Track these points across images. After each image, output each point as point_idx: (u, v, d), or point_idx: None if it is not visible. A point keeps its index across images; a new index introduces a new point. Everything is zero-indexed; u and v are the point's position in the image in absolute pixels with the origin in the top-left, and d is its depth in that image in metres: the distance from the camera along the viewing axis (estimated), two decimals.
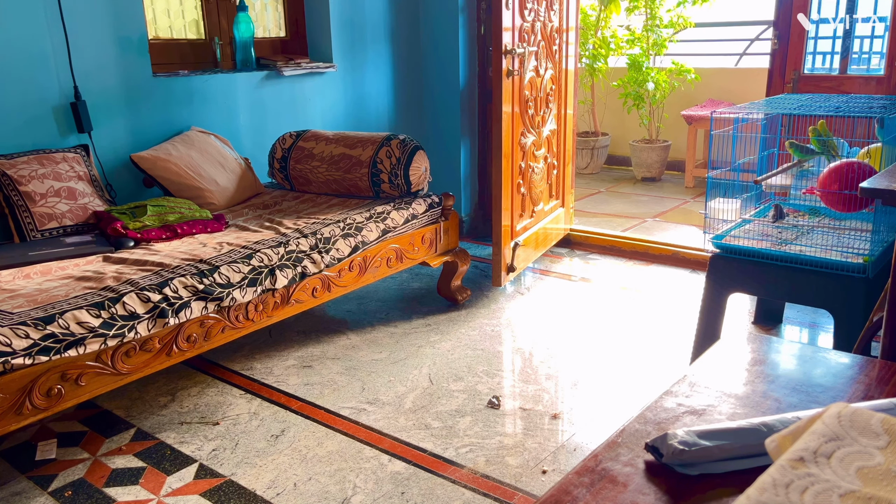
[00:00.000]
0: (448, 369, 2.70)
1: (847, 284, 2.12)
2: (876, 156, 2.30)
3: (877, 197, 1.69)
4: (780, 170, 2.51)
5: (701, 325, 2.45)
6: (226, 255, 2.40)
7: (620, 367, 2.70)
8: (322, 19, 3.78)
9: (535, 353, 2.84)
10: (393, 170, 3.06)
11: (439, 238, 3.22)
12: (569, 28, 3.84)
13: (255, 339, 2.96)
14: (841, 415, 0.72)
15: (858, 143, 2.53)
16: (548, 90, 3.66)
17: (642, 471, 0.78)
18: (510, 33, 3.19)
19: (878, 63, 3.46)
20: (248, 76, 3.46)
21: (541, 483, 2.02)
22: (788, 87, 3.55)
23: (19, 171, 2.57)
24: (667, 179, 5.84)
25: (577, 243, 4.18)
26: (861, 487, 0.63)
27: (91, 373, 2.01)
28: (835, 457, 0.67)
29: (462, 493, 1.98)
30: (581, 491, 0.75)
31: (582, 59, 5.61)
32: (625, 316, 3.18)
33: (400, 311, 3.27)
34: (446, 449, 2.19)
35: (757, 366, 1.01)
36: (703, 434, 0.79)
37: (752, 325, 3.06)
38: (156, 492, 2.02)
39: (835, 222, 2.44)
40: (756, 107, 2.48)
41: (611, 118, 6.19)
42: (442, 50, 4.14)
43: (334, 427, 2.33)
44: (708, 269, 2.40)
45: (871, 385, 0.94)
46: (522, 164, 3.44)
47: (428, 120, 4.31)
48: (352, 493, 1.99)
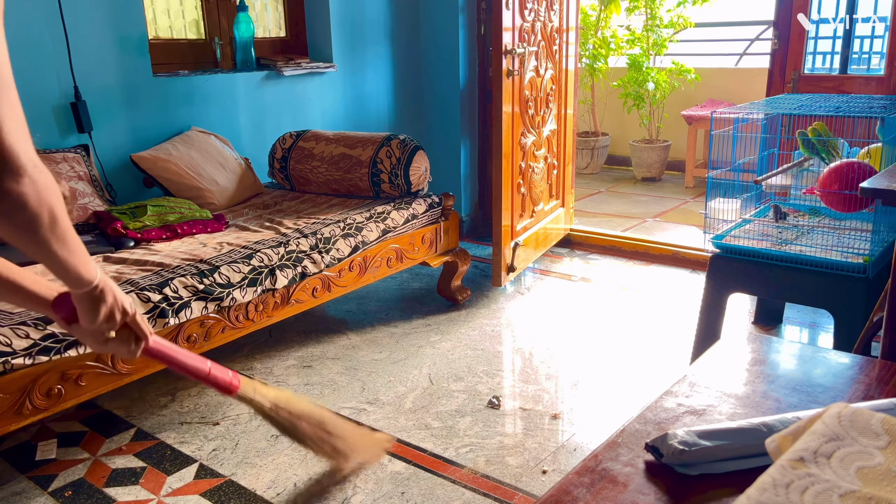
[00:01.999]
0: (448, 369, 2.70)
1: (847, 284, 2.12)
2: (876, 156, 2.30)
3: (877, 197, 1.70)
4: (780, 170, 2.51)
5: (701, 325, 2.45)
6: (226, 255, 2.40)
7: (620, 367, 2.70)
8: (322, 19, 3.78)
9: (535, 353, 2.83)
10: (393, 170, 3.06)
11: (439, 238, 3.22)
12: (569, 28, 3.84)
13: (255, 339, 2.96)
14: (841, 415, 0.72)
15: (858, 143, 2.53)
16: (548, 90, 3.66)
17: (642, 471, 0.78)
18: (510, 33, 3.19)
19: (879, 63, 3.46)
20: (248, 76, 3.45)
21: (541, 483, 2.02)
22: (788, 87, 3.55)
23: None
24: (667, 179, 5.84)
25: (577, 243, 4.18)
26: (861, 487, 0.63)
27: (91, 373, 2.01)
28: (835, 457, 0.67)
29: (462, 493, 1.97)
30: (581, 491, 0.75)
31: (582, 59, 5.61)
32: (625, 316, 3.18)
33: (400, 311, 3.27)
34: (446, 449, 2.19)
35: (757, 366, 1.01)
36: (703, 434, 0.79)
37: (752, 325, 3.06)
38: (156, 492, 2.02)
39: (835, 222, 2.44)
40: (756, 107, 2.48)
41: (611, 118, 6.19)
42: (442, 50, 4.14)
43: None
44: (708, 269, 2.40)
45: (872, 385, 0.94)
46: (522, 164, 3.44)
47: (428, 120, 4.31)
48: (352, 493, 1.99)
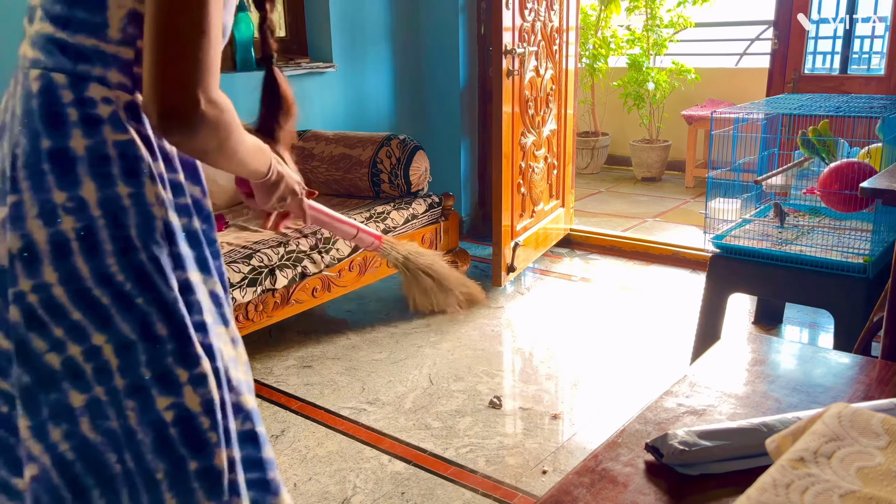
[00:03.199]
0: (448, 369, 2.70)
1: (847, 284, 2.12)
2: (876, 156, 2.30)
3: (877, 197, 1.69)
4: (781, 170, 2.51)
5: (701, 325, 2.45)
6: (226, 255, 2.40)
7: (620, 367, 2.70)
8: (322, 19, 3.78)
9: (535, 353, 2.83)
10: (393, 170, 3.06)
11: (439, 238, 3.22)
12: (569, 28, 3.84)
13: (255, 339, 2.96)
14: (841, 415, 0.72)
15: (859, 143, 2.53)
16: (548, 90, 3.66)
17: (642, 471, 0.78)
18: (510, 33, 3.19)
19: (879, 63, 3.46)
20: (247, 76, 3.45)
21: (541, 483, 2.01)
22: (789, 87, 3.55)
23: None
24: (667, 179, 5.84)
25: (577, 243, 4.18)
26: (861, 488, 0.63)
27: None
28: (835, 457, 0.67)
29: (462, 494, 1.97)
30: (581, 491, 0.75)
31: (582, 59, 5.61)
32: (625, 316, 3.18)
33: (400, 311, 3.27)
34: (446, 449, 2.18)
35: (757, 366, 1.01)
36: (703, 434, 0.79)
37: (753, 325, 3.06)
38: None
39: (835, 222, 2.44)
40: (756, 107, 2.48)
41: (611, 118, 6.19)
42: (442, 50, 4.14)
43: (334, 427, 2.33)
44: (708, 269, 2.40)
45: (872, 385, 0.94)
46: (522, 164, 3.44)
47: (428, 120, 4.30)
48: (352, 494, 1.99)
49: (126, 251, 0.91)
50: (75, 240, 0.89)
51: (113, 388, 0.92)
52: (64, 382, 0.91)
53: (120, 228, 0.91)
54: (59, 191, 0.89)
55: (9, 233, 0.90)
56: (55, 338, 0.90)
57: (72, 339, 0.90)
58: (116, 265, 0.91)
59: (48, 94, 0.90)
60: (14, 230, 0.89)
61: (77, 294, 0.90)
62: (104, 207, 0.90)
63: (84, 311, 0.90)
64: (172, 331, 0.94)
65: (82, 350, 0.91)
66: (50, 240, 0.89)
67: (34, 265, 0.89)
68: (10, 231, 0.90)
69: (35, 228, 0.89)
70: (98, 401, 0.92)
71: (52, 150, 0.89)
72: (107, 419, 0.92)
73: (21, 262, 0.89)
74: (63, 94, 0.90)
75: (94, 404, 0.92)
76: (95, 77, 0.91)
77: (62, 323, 0.90)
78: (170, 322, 0.94)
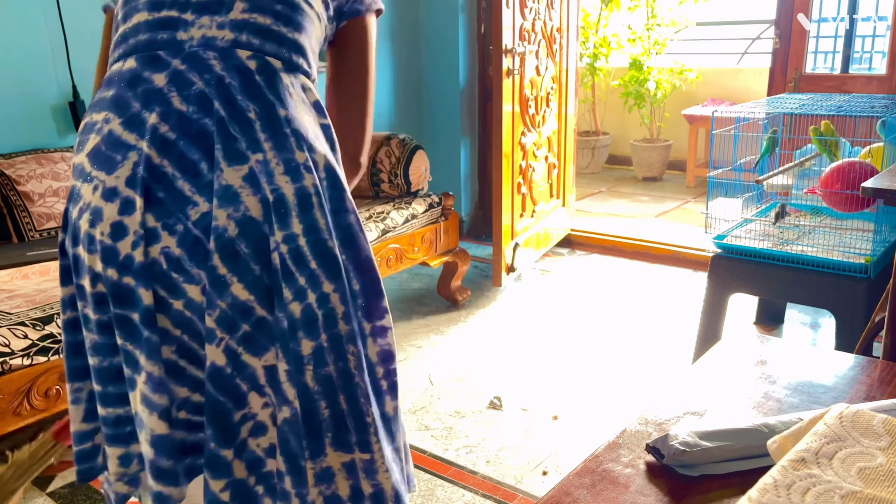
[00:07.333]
0: (448, 369, 2.69)
1: (849, 285, 2.12)
2: (878, 155, 2.29)
3: (879, 197, 1.69)
4: (782, 170, 2.50)
5: (702, 326, 2.45)
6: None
7: (621, 368, 2.69)
8: None
9: (535, 354, 2.83)
10: (393, 169, 3.06)
11: (439, 238, 3.22)
12: (569, 27, 3.83)
13: None
14: (842, 416, 0.72)
15: (860, 142, 2.53)
16: (548, 89, 3.66)
17: (643, 472, 0.78)
18: (510, 32, 3.18)
19: (880, 63, 3.46)
20: None
21: (541, 484, 2.01)
22: (790, 87, 3.55)
23: (17, 171, 2.56)
24: (668, 179, 5.83)
25: (577, 243, 4.17)
26: (862, 488, 0.63)
27: None
28: (836, 458, 0.67)
29: (462, 495, 1.97)
30: (582, 492, 0.74)
31: (582, 58, 5.61)
32: (625, 316, 3.17)
33: (400, 311, 3.26)
34: (446, 450, 2.18)
35: (758, 366, 1.01)
36: (704, 435, 0.78)
37: (754, 325, 3.05)
38: None
39: (836, 222, 2.44)
40: (757, 106, 2.47)
41: (611, 117, 6.18)
42: (442, 49, 4.13)
43: None
44: (709, 269, 2.39)
45: (873, 386, 0.94)
46: (523, 163, 3.44)
47: (428, 120, 4.30)
48: None
49: (338, 212, 1.06)
50: (314, 195, 1.03)
51: (336, 333, 1.05)
52: (299, 331, 1.02)
53: (337, 190, 1.07)
54: (299, 151, 1.02)
55: (263, 185, 1.00)
56: (299, 286, 1.01)
57: (310, 287, 1.02)
58: (332, 223, 1.06)
59: (269, 73, 1.04)
60: (267, 184, 1.00)
61: (315, 244, 1.02)
62: (328, 171, 1.06)
63: (319, 261, 1.03)
64: (366, 284, 1.09)
65: (316, 297, 1.03)
66: (296, 193, 1.01)
67: (286, 217, 1.00)
68: (265, 184, 1.00)
69: (283, 183, 1.01)
70: (322, 348, 1.04)
71: (288, 119, 1.03)
72: (326, 366, 1.04)
73: (276, 214, 1.00)
74: (282, 76, 1.05)
75: (318, 352, 1.03)
76: (303, 70, 1.09)
77: (304, 272, 1.02)
78: (365, 278, 1.09)
